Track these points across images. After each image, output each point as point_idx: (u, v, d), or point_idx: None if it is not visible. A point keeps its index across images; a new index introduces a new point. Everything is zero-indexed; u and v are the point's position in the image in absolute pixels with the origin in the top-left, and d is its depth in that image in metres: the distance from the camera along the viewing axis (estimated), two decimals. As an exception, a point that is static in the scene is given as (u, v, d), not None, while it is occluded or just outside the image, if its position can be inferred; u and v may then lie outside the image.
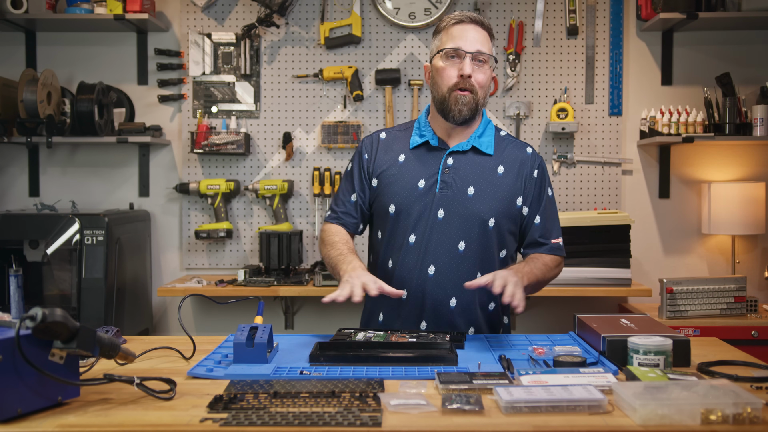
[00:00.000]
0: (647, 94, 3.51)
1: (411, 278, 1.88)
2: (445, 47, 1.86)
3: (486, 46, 1.87)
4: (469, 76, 1.83)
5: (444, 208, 1.87)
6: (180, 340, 1.77)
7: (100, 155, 3.55)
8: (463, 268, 1.87)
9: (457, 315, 1.88)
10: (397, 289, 1.76)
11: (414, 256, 1.88)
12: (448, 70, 1.85)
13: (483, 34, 1.88)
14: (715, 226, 3.33)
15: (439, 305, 1.88)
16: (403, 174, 1.91)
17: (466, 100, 1.85)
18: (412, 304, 1.89)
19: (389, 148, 1.97)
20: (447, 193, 1.87)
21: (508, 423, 1.19)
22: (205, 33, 3.49)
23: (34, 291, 2.90)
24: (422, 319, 1.89)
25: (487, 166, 1.91)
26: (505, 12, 3.47)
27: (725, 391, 1.23)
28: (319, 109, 3.49)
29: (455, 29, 1.87)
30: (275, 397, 1.29)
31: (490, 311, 1.94)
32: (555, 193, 3.46)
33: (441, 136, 1.93)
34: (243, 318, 3.28)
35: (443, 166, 1.89)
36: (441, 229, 1.86)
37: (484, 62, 1.87)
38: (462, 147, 1.91)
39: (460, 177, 1.88)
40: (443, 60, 1.87)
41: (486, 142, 1.93)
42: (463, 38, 1.85)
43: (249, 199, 3.51)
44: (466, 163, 1.90)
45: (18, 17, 3.24)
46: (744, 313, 3.02)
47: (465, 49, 1.84)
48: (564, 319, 3.37)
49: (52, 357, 1.24)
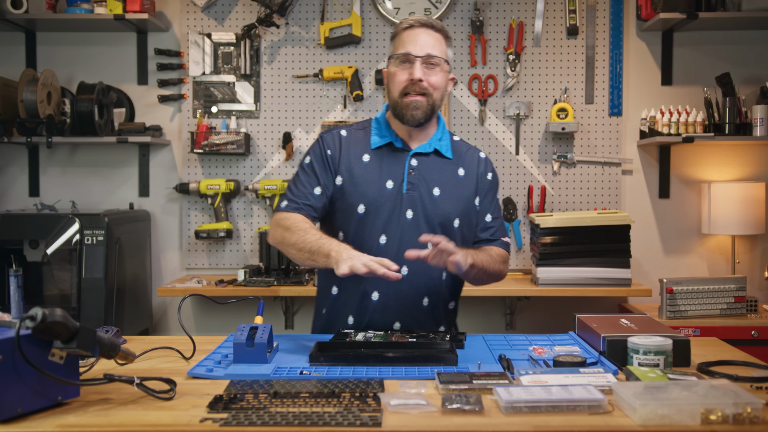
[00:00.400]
0: (647, 94, 3.51)
1: (384, 279, 1.87)
2: (397, 52, 1.90)
3: (438, 49, 1.90)
4: (420, 80, 1.86)
5: (412, 208, 1.90)
6: (180, 340, 1.77)
7: (100, 155, 3.55)
8: (433, 268, 1.88)
9: (427, 314, 1.92)
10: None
11: (386, 256, 1.86)
12: (399, 75, 1.89)
13: (435, 37, 1.91)
14: (715, 226, 3.33)
15: (413, 305, 1.90)
16: (370, 174, 1.91)
17: (418, 103, 1.88)
18: (385, 305, 1.89)
19: (351, 147, 1.96)
20: (414, 193, 1.90)
21: (508, 423, 1.19)
22: (205, 33, 3.49)
23: (34, 291, 2.90)
24: (396, 319, 1.90)
25: (449, 169, 1.96)
26: (505, 12, 3.47)
27: (725, 391, 1.23)
28: (319, 109, 3.49)
29: (405, 34, 1.90)
30: (275, 397, 1.29)
31: (450, 310, 2.01)
32: (555, 192, 3.48)
33: (402, 137, 1.95)
34: (243, 318, 3.27)
35: (408, 167, 1.92)
36: (411, 230, 1.88)
37: (436, 65, 1.89)
38: (425, 149, 1.95)
39: (425, 178, 1.92)
40: (395, 65, 1.90)
41: (445, 146, 1.98)
42: (413, 43, 1.88)
43: (249, 199, 3.51)
44: (429, 165, 1.94)
45: (18, 17, 3.24)
46: (744, 313, 3.02)
47: (414, 53, 1.87)
48: (564, 319, 3.37)
49: (52, 357, 1.24)
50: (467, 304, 3.44)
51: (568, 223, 3.11)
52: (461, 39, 3.47)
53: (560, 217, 3.13)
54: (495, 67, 3.47)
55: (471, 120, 3.48)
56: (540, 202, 3.45)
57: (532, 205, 3.46)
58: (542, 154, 3.48)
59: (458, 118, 3.47)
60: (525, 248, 3.49)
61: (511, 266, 3.49)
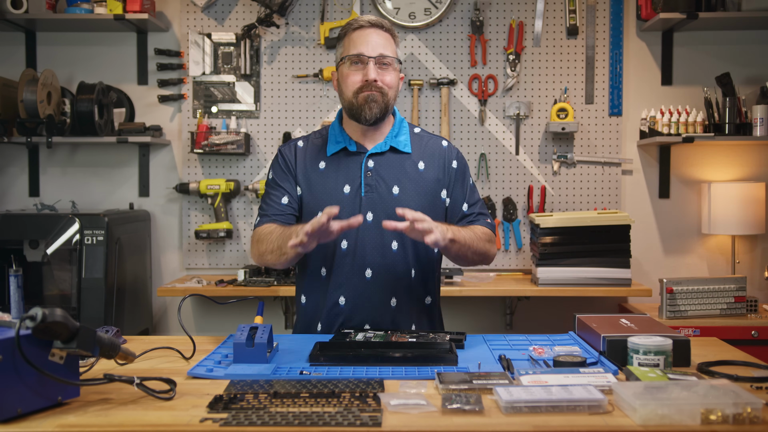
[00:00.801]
0: (647, 94, 3.51)
1: (349, 284, 1.89)
2: (349, 53, 1.89)
3: (389, 49, 1.90)
4: (375, 80, 1.86)
5: (372, 210, 1.89)
6: (180, 340, 1.77)
7: (100, 155, 3.55)
8: (399, 267, 1.91)
9: (398, 313, 1.91)
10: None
11: (349, 261, 1.89)
12: (353, 76, 1.88)
13: (385, 37, 1.90)
14: (715, 226, 3.33)
15: (381, 306, 1.90)
16: (326, 180, 1.92)
17: (376, 98, 1.86)
18: (352, 309, 1.89)
19: (308, 156, 1.96)
20: (373, 195, 1.90)
21: (508, 423, 1.19)
22: (205, 33, 3.49)
23: (34, 291, 2.90)
24: (365, 322, 1.89)
25: (408, 164, 1.94)
26: (505, 12, 3.47)
27: (725, 391, 1.23)
28: (319, 109, 3.49)
29: (356, 35, 1.89)
30: (275, 397, 1.29)
31: (428, 304, 1.99)
32: (555, 192, 3.48)
33: (357, 140, 1.95)
34: (243, 318, 3.28)
35: (365, 169, 1.91)
36: (372, 232, 1.88)
37: (389, 65, 1.89)
38: (380, 148, 1.94)
39: (383, 178, 1.91)
40: (347, 67, 1.89)
41: (403, 141, 1.96)
42: (365, 43, 1.87)
43: (249, 199, 3.51)
44: (386, 163, 1.93)
45: (18, 17, 3.24)
46: (744, 313, 3.02)
47: (367, 54, 1.87)
48: (564, 319, 3.37)
49: (52, 357, 1.24)
50: (467, 304, 3.44)
51: (568, 223, 3.11)
52: (461, 39, 3.47)
53: (560, 217, 3.13)
54: (495, 67, 3.47)
55: (471, 120, 3.48)
56: (540, 202, 3.46)
57: (532, 205, 3.46)
58: (542, 154, 3.48)
59: (458, 118, 3.47)
60: (525, 248, 3.49)
61: (511, 266, 3.50)
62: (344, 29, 1.93)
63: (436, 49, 3.46)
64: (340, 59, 1.93)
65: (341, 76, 1.92)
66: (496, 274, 3.38)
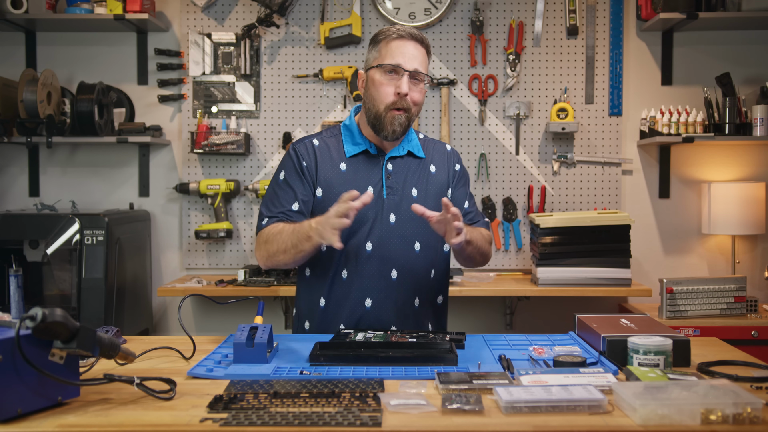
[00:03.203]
0: (647, 94, 3.51)
1: (375, 285, 1.90)
2: (385, 62, 1.87)
3: (423, 65, 1.90)
4: (406, 94, 1.86)
5: (394, 212, 1.91)
6: (180, 340, 1.77)
7: (100, 155, 3.55)
8: (421, 267, 1.94)
9: (420, 313, 1.94)
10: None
11: (375, 263, 1.90)
12: (386, 87, 1.87)
13: (422, 52, 1.90)
14: (715, 226, 3.33)
15: (406, 307, 1.92)
16: (349, 183, 1.91)
17: (402, 119, 1.88)
18: (378, 310, 1.90)
19: (326, 156, 1.94)
20: (394, 197, 1.92)
21: (508, 423, 1.19)
22: (205, 33, 3.49)
23: (34, 291, 2.90)
24: (391, 323, 1.90)
25: (422, 168, 1.99)
26: (505, 12, 3.47)
27: (725, 391, 1.23)
28: (319, 109, 3.49)
29: (396, 44, 1.88)
30: (275, 397, 1.29)
31: (439, 304, 2.02)
32: (555, 192, 3.48)
33: (375, 142, 1.96)
34: (243, 318, 3.27)
35: (385, 172, 1.93)
36: (397, 233, 1.91)
37: (420, 81, 1.89)
38: (399, 152, 1.96)
39: (402, 181, 1.94)
40: (381, 74, 1.88)
41: (416, 146, 2.00)
42: (403, 55, 1.86)
43: (249, 199, 3.51)
44: (404, 167, 1.96)
45: (18, 17, 3.24)
46: (744, 313, 3.02)
47: (404, 66, 1.86)
48: (564, 319, 3.37)
49: (52, 357, 1.24)
50: (467, 304, 3.44)
51: (568, 223, 3.11)
52: (461, 39, 3.47)
53: (560, 217, 3.13)
54: (495, 67, 3.47)
55: (471, 120, 3.48)
56: (540, 202, 3.45)
57: (532, 205, 3.46)
58: (542, 154, 3.48)
59: (458, 118, 3.47)
60: (525, 248, 3.49)
61: (511, 266, 3.50)
62: (383, 35, 1.90)
63: (436, 49, 3.46)
64: (375, 65, 1.90)
65: (372, 82, 1.90)
66: (496, 274, 3.39)
